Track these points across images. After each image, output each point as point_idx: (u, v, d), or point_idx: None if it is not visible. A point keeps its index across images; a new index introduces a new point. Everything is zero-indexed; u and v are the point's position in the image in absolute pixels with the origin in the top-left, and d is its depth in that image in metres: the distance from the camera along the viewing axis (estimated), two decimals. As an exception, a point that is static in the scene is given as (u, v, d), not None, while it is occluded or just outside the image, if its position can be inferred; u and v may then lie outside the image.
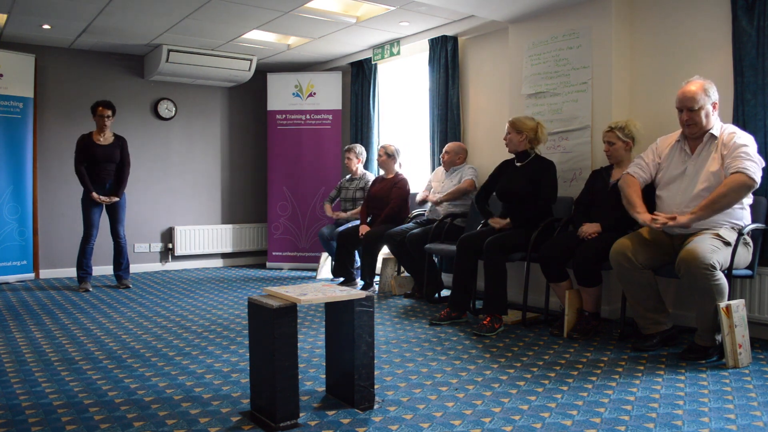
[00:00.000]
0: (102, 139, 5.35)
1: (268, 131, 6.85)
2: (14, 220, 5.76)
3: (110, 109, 5.34)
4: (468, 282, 4.08)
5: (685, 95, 3.19)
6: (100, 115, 5.29)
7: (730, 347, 2.95)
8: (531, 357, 3.20)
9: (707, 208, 3.04)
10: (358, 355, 2.43)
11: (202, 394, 2.64)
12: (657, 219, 3.16)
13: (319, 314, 4.26)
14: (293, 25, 5.39)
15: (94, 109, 5.32)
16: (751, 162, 3.02)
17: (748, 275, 3.28)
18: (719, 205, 3.03)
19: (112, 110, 5.36)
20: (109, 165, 5.37)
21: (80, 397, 2.60)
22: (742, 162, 3.01)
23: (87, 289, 5.34)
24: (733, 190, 3.00)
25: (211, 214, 7.12)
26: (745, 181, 2.99)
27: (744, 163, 3.00)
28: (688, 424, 2.27)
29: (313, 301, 2.32)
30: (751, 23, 3.47)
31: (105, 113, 5.29)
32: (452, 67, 5.34)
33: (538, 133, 4.09)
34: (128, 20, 5.27)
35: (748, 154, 3.03)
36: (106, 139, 5.37)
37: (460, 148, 5.03)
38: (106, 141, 5.37)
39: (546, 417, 2.34)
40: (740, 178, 2.99)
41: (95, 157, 5.29)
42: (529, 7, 4.38)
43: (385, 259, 5.38)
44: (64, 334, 3.76)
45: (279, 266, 6.82)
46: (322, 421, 2.32)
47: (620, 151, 3.72)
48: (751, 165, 3.01)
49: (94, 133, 5.38)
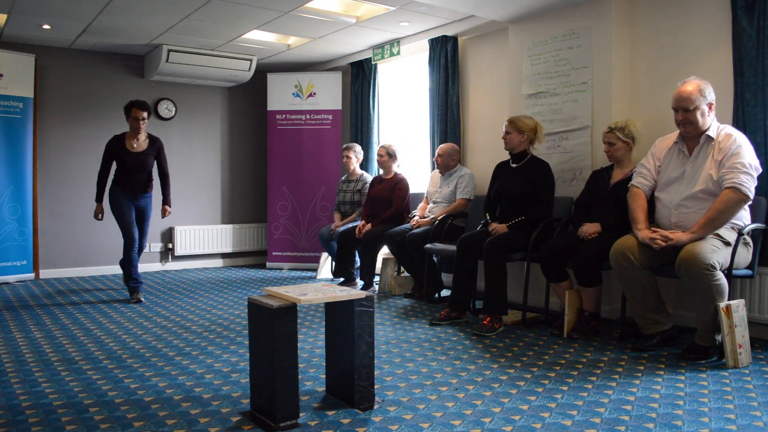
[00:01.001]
0: (136, 144, 4.80)
1: (268, 131, 6.85)
2: (14, 220, 5.76)
3: (146, 110, 4.77)
4: (468, 282, 4.08)
5: (680, 95, 3.19)
6: (135, 117, 4.73)
7: (730, 347, 2.95)
8: (531, 357, 3.20)
9: (706, 227, 3.06)
10: (358, 355, 2.43)
11: (202, 394, 2.64)
12: (655, 239, 3.16)
13: (319, 314, 4.26)
14: (293, 25, 5.39)
15: (128, 110, 4.77)
16: (746, 175, 3.03)
17: (748, 275, 3.28)
18: (718, 222, 3.06)
19: (147, 111, 4.79)
20: (140, 175, 4.84)
21: (80, 397, 2.60)
22: (737, 176, 3.02)
23: (140, 300, 4.82)
24: (729, 207, 3.04)
25: (211, 214, 7.12)
26: (740, 198, 3.04)
27: (739, 178, 3.02)
28: (688, 424, 2.27)
29: (313, 301, 2.32)
30: (751, 23, 3.47)
31: (140, 115, 4.73)
32: (452, 67, 5.34)
33: (537, 132, 4.09)
34: (128, 20, 5.26)
35: (744, 165, 3.04)
36: (140, 144, 4.82)
37: (453, 150, 5.01)
38: (140, 147, 4.81)
39: (546, 417, 2.34)
40: (735, 196, 3.02)
41: (126, 165, 4.78)
42: (529, 7, 4.38)
43: (385, 259, 5.38)
44: (64, 334, 3.76)
45: (279, 266, 6.82)
46: (322, 421, 2.32)
47: (621, 152, 3.72)
48: (746, 179, 3.03)
49: (128, 137, 4.83)
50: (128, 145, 4.79)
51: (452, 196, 4.96)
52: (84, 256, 6.32)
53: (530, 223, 3.98)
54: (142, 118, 4.73)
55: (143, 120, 4.74)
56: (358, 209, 5.67)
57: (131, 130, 4.80)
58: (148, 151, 4.84)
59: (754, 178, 3.07)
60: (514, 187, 4.07)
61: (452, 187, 4.97)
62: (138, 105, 4.74)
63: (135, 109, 4.72)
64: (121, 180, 4.81)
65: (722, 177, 3.07)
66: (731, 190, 3.02)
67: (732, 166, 3.05)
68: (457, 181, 4.95)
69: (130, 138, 4.82)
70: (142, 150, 4.82)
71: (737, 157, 3.05)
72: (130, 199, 4.83)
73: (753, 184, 3.05)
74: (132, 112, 4.73)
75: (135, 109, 4.72)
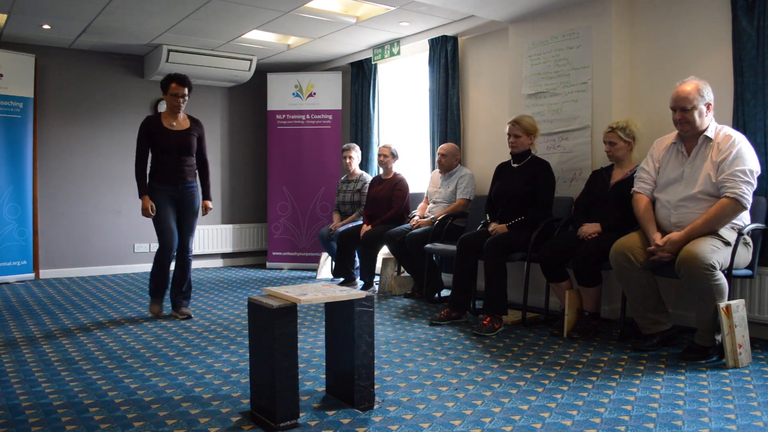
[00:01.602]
0: (175, 123, 4.10)
1: (268, 131, 6.85)
2: (14, 220, 5.77)
3: (186, 86, 4.08)
4: (468, 282, 4.08)
5: (678, 95, 3.20)
6: (174, 93, 4.03)
7: (730, 347, 2.95)
8: (531, 357, 3.20)
9: (702, 228, 3.07)
10: (358, 355, 2.43)
11: (202, 394, 2.64)
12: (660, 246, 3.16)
13: (319, 314, 4.26)
14: (293, 25, 5.39)
15: (166, 85, 4.06)
16: (747, 185, 3.04)
17: (748, 275, 3.28)
18: (714, 227, 3.08)
19: (188, 87, 4.10)
20: (184, 157, 4.12)
21: (80, 397, 2.60)
22: (738, 186, 3.02)
23: (188, 315, 4.20)
24: (727, 215, 3.06)
25: (211, 214, 7.10)
26: (738, 208, 3.06)
27: (740, 188, 3.02)
28: (688, 424, 2.27)
29: (313, 301, 2.32)
30: (751, 23, 3.47)
31: (180, 91, 4.04)
32: (452, 67, 5.34)
33: (537, 131, 4.12)
34: (128, 20, 5.26)
35: (745, 173, 3.04)
36: (179, 123, 4.13)
37: (455, 150, 5.02)
38: (180, 126, 4.12)
39: (546, 417, 2.34)
40: (734, 206, 3.04)
41: (165, 146, 4.06)
42: (529, 7, 4.38)
43: (385, 259, 5.38)
44: (64, 334, 3.76)
45: (279, 266, 6.82)
46: (322, 421, 2.32)
47: (622, 151, 3.72)
48: (747, 189, 3.04)
49: (164, 116, 4.13)
50: (166, 124, 4.08)
51: (452, 196, 4.96)
52: (84, 256, 6.32)
53: (530, 223, 3.98)
54: (182, 95, 4.04)
55: (183, 97, 4.05)
56: (358, 209, 5.67)
57: (169, 108, 4.09)
58: (191, 131, 4.15)
59: (754, 185, 3.08)
60: (514, 187, 4.07)
61: (452, 187, 4.97)
62: (178, 80, 4.04)
63: (175, 84, 4.02)
64: (159, 169, 4.10)
65: (722, 183, 3.07)
66: (731, 200, 3.03)
67: (733, 173, 3.04)
68: (458, 182, 4.95)
69: (167, 117, 4.11)
70: (183, 129, 4.12)
71: (738, 163, 3.05)
72: (170, 194, 4.11)
73: (751, 189, 3.07)
74: (171, 87, 4.03)
75: (175, 84, 4.02)
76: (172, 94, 4.04)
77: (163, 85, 4.08)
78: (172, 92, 4.04)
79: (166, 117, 4.12)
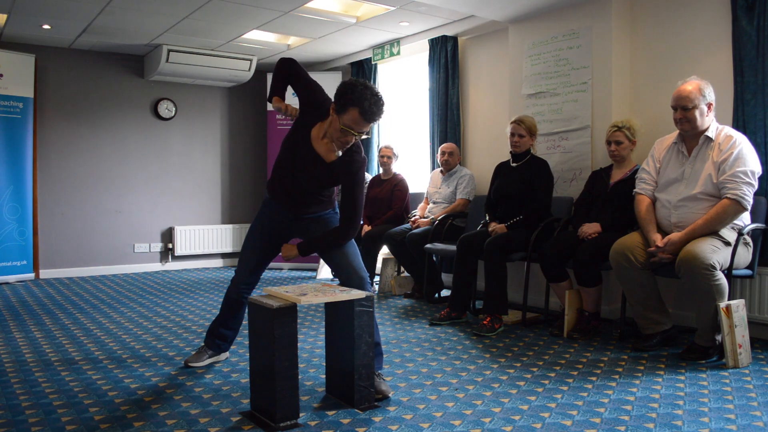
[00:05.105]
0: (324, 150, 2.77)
1: (268, 131, 6.85)
2: (14, 220, 5.76)
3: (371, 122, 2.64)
4: (468, 282, 4.07)
5: (680, 94, 3.20)
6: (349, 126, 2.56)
7: (730, 347, 2.95)
8: (531, 357, 3.20)
9: (702, 229, 3.07)
10: (358, 355, 2.43)
11: (202, 394, 2.64)
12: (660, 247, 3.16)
13: (319, 314, 4.26)
14: (293, 25, 5.39)
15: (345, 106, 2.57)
16: (748, 186, 3.04)
17: (748, 275, 3.28)
18: (715, 228, 3.08)
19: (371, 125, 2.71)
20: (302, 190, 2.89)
21: (80, 397, 2.60)
22: (740, 188, 3.02)
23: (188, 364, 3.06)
24: (728, 217, 3.07)
25: (211, 214, 7.12)
26: (739, 210, 3.06)
27: (742, 190, 3.02)
28: (688, 424, 2.26)
29: (313, 301, 2.32)
30: (751, 23, 3.47)
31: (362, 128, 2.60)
32: (452, 67, 5.34)
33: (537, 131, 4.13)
34: (128, 20, 5.26)
35: (747, 175, 3.04)
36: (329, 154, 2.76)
37: (456, 149, 5.04)
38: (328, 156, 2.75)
39: (546, 417, 2.34)
40: (735, 207, 3.04)
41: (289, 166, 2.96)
42: (529, 7, 4.38)
43: (385, 259, 5.38)
44: (64, 334, 3.76)
45: (279, 266, 6.82)
46: (322, 421, 2.32)
47: (627, 150, 3.72)
48: (748, 191, 3.04)
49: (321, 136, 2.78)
50: (314, 142, 2.78)
51: (452, 196, 4.96)
52: (84, 256, 6.32)
53: (530, 222, 3.98)
54: (359, 133, 2.60)
55: (357, 135, 2.62)
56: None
57: (335, 138, 2.65)
58: (336, 168, 2.74)
59: (755, 186, 3.08)
60: (513, 186, 4.07)
61: (452, 187, 4.97)
62: (365, 113, 2.55)
63: (358, 115, 2.55)
64: (276, 182, 2.98)
65: (723, 184, 3.07)
66: (732, 202, 3.03)
67: (734, 174, 3.04)
68: (458, 182, 4.95)
69: (324, 141, 2.74)
70: (329, 161, 2.74)
71: (740, 164, 3.05)
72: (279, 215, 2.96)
73: (752, 191, 3.07)
74: (350, 113, 2.55)
75: (358, 115, 2.55)
76: (347, 126, 2.58)
77: (343, 100, 2.61)
78: (348, 122, 2.57)
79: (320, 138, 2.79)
